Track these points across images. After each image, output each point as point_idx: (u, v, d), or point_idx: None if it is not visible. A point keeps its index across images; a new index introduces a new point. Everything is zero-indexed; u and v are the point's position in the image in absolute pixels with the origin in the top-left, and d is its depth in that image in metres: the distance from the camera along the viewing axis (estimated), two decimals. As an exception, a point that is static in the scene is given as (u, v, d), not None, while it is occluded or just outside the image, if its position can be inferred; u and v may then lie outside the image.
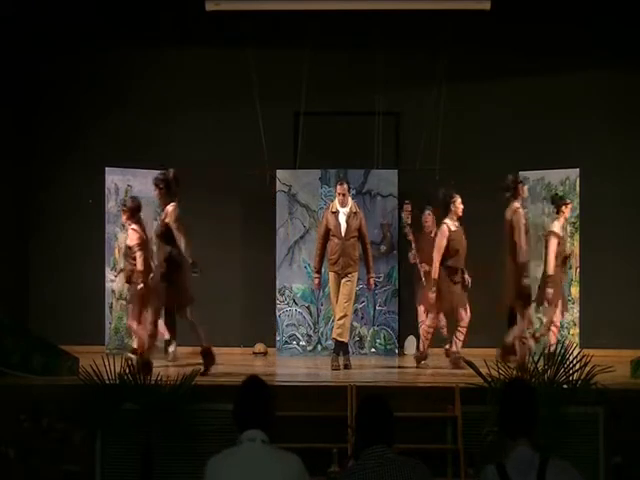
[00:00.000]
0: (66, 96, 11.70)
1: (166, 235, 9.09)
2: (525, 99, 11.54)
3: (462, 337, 9.76)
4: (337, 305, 9.72)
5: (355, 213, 9.82)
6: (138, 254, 9.78)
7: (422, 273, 10.66)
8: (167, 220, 9.10)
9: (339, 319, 9.68)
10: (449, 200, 9.83)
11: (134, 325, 9.95)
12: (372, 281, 10.01)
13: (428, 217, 10.93)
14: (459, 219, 9.89)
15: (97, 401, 7.39)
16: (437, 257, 9.72)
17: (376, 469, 3.85)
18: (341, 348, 9.74)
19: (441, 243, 9.74)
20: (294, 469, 3.91)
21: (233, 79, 11.54)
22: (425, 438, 7.44)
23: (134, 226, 9.97)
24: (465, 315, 9.73)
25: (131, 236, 9.97)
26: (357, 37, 11.33)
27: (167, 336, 10.14)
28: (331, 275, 9.82)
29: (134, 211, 10.02)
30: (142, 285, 9.58)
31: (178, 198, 9.19)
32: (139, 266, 9.74)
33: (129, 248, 9.97)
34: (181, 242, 9.00)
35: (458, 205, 9.85)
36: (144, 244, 9.82)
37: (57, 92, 11.73)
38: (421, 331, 10.15)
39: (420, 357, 9.92)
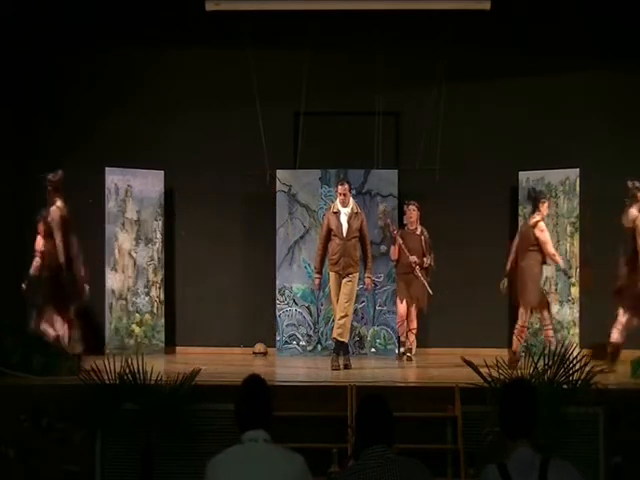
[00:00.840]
0: (66, 96, 11.69)
1: (49, 234, 9.69)
2: (525, 99, 11.53)
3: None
4: (337, 305, 9.72)
5: (356, 213, 9.82)
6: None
7: (418, 268, 10.59)
8: (49, 220, 9.62)
9: (339, 319, 9.68)
10: (539, 200, 9.89)
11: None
12: (369, 281, 10.00)
13: (412, 213, 10.80)
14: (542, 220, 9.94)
15: (97, 401, 7.39)
16: (553, 250, 9.78)
17: (376, 469, 3.85)
18: (341, 348, 9.74)
19: (548, 236, 9.81)
20: (298, 468, 3.90)
21: (233, 79, 11.54)
22: (425, 438, 7.43)
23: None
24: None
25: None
26: (357, 37, 11.32)
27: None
28: (332, 275, 9.82)
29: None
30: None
31: (64, 198, 9.69)
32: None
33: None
34: (58, 241, 9.56)
35: (545, 208, 9.96)
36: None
37: (57, 92, 11.73)
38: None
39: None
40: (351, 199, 9.96)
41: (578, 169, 10.91)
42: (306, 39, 11.03)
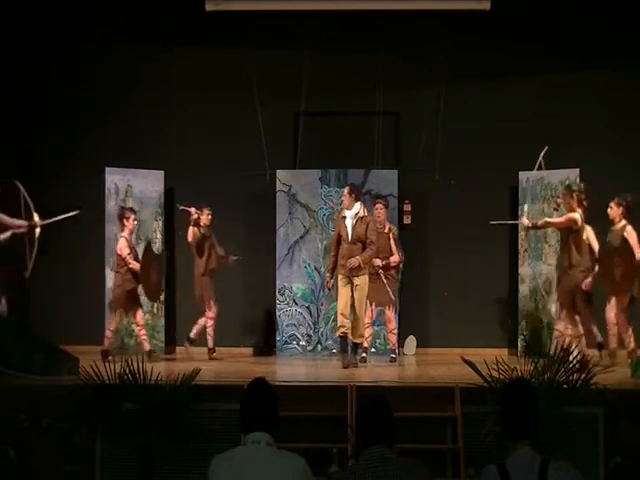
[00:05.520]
0: (66, 96, 11.70)
1: None
2: (525, 99, 11.54)
3: None
4: (348, 307, 9.70)
5: (362, 217, 9.65)
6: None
7: (382, 272, 10.22)
8: None
9: (355, 321, 9.73)
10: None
11: None
12: (355, 260, 9.48)
13: (380, 211, 10.27)
14: None
15: (97, 401, 7.38)
16: None
17: (376, 469, 3.85)
18: (356, 348, 9.85)
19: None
20: (300, 470, 3.92)
21: (233, 79, 11.54)
22: (425, 438, 7.42)
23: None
24: None
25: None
26: (357, 37, 11.33)
27: None
28: (340, 278, 9.71)
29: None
30: None
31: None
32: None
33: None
34: None
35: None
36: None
37: (57, 92, 11.73)
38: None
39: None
40: (357, 203, 9.72)
41: (578, 169, 10.91)
42: (306, 39, 11.04)
